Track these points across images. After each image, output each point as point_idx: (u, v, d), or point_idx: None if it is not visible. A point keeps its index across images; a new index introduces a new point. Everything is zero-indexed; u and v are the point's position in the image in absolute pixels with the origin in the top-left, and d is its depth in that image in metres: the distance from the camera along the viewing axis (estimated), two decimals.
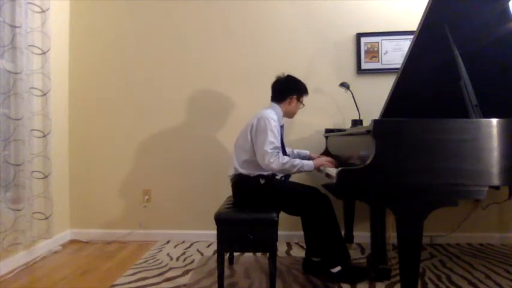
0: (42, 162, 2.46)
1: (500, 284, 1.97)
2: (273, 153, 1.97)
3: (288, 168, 1.99)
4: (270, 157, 1.96)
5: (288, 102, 2.23)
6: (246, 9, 2.93)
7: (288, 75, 2.27)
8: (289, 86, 2.24)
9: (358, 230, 2.73)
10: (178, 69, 2.95)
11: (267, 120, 2.04)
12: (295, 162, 2.00)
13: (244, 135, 2.14)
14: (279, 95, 2.24)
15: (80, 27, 2.98)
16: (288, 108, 2.24)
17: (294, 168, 2.00)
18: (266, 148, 1.98)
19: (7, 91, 2.21)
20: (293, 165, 1.99)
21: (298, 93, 2.24)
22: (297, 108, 2.29)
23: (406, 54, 1.72)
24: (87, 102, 2.98)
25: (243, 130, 2.18)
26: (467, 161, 1.43)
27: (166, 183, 2.95)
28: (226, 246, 1.90)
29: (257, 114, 2.13)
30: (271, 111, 2.14)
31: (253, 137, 2.07)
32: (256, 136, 2.05)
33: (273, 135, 2.01)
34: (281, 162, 1.96)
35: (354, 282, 1.99)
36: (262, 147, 1.99)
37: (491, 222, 2.75)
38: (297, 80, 2.26)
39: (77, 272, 2.22)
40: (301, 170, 2.02)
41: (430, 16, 1.65)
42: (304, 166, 2.02)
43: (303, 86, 2.26)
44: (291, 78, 2.26)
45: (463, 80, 1.66)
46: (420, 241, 1.46)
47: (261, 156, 2.00)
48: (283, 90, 2.24)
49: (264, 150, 1.98)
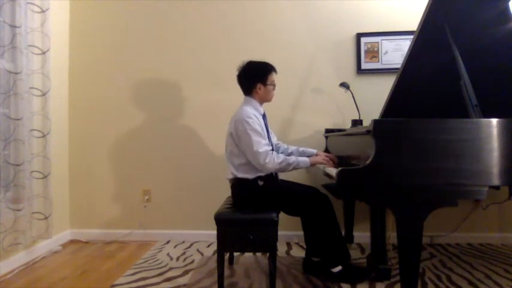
0: (41, 162, 2.46)
1: (500, 284, 1.97)
2: (266, 153, 1.94)
3: (283, 166, 1.98)
4: (265, 157, 1.94)
5: (256, 91, 2.13)
6: (246, 9, 2.93)
7: (246, 63, 2.15)
8: (250, 76, 2.13)
9: (358, 230, 2.73)
10: (178, 69, 2.95)
11: (243, 121, 1.99)
12: (290, 160, 1.99)
13: (230, 141, 2.08)
14: (245, 87, 2.16)
15: (80, 27, 2.97)
16: (259, 97, 2.15)
17: (289, 167, 1.99)
18: (256, 149, 1.94)
19: (7, 91, 2.21)
20: (288, 164, 1.98)
21: (261, 79, 2.12)
22: (269, 92, 2.17)
23: (406, 54, 1.72)
24: (87, 102, 2.98)
25: (227, 135, 2.13)
26: (467, 161, 1.42)
27: (166, 183, 2.95)
28: (226, 246, 1.90)
29: (233, 117, 2.08)
30: (245, 108, 2.07)
31: (238, 144, 2.03)
32: (240, 141, 2.01)
33: (256, 133, 1.97)
34: (276, 162, 1.95)
35: (354, 282, 1.98)
36: (252, 149, 1.96)
37: (491, 222, 2.75)
38: (256, 64, 2.15)
39: (76, 272, 2.22)
40: (297, 167, 2.02)
41: (430, 16, 1.65)
42: (300, 163, 2.01)
43: (264, 69, 2.14)
44: (249, 65, 2.14)
45: (463, 80, 1.66)
46: (420, 241, 1.46)
47: (253, 158, 1.97)
48: (246, 81, 2.15)
49: (254, 152, 1.95)
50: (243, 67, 2.16)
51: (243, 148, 2.01)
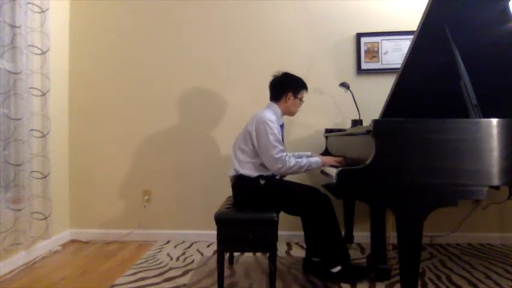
0: (41, 162, 2.46)
1: (500, 284, 1.97)
2: (282, 160, 1.98)
3: (296, 170, 2.02)
4: (280, 163, 1.98)
5: (285, 100, 2.19)
6: (246, 9, 2.93)
7: (284, 72, 2.22)
8: (284, 83, 2.20)
9: (358, 230, 2.74)
10: (178, 69, 2.95)
11: (265, 123, 2.02)
12: (302, 163, 2.02)
13: (243, 138, 2.11)
14: (275, 93, 2.22)
15: (80, 27, 2.97)
16: (285, 106, 2.20)
17: (301, 169, 2.03)
18: (273, 153, 1.98)
19: (7, 91, 2.21)
20: (300, 167, 2.01)
21: (294, 90, 2.19)
22: (296, 106, 2.23)
23: (406, 54, 1.72)
24: (87, 102, 2.98)
25: (242, 132, 2.16)
26: (467, 161, 1.42)
27: (166, 183, 2.95)
28: (226, 246, 1.90)
29: (254, 117, 2.10)
30: (268, 112, 2.12)
31: (254, 142, 2.05)
32: (258, 141, 2.03)
33: (275, 138, 2.01)
34: (288, 167, 1.99)
35: (354, 282, 1.98)
36: (268, 152, 1.99)
37: (491, 222, 2.75)
38: (294, 76, 2.22)
39: (76, 272, 2.22)
40: (309, 169, 2.05)
41: (430, 16, 1.65)
42: (312, 164, 2.04)
43: (299, 82, 2.21)
44: (287, 75, 2.22)
45: (463, 80, 1.65)
46: (420, 241, 1.46)
47: (268, 161, 2.01)
48: (279, 88, 2.20)
49: (271, 156, 1.98)
50: (280, 74, 2.22)
51: (259, 148, 2.03)
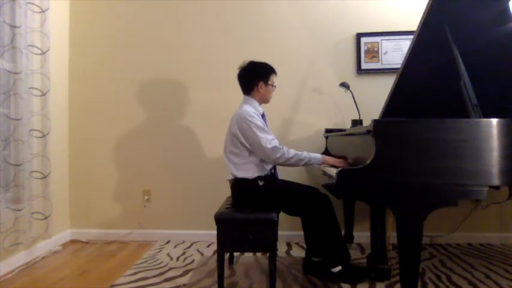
0: (41, 162, 2.46)
1: (500, 284, 1.97)
2: (276, 149, 1.96)
3: (294, 161, 1.99)
4: (276, 152, 1.96)
5: (257, 90, 2.15)
6: (246, 9, 2.93)
7: (248, 62, 2.17)
8: (251, 75, 2.15)
9: (358, 230, 2.73)
10: (178, 69, 2.94)
11: (245, 119, 2.00)
12: (302, 156, 2.00)
13: (231, 141, 2.08)
14: (247, 86, 2.17)
15: (80, 27, 2.97)
16: (259, 96, 2.16)
17: (301, 162, 2.00)
18: (265, 145, 1.96)
19: (7, 91, 2.21)
20: (300, 159, 1.99)
21: (264, 78, 2.15)
22: (269, 92, 2.19)
23: (406, 54, 1.72)
24: (87, 102, 2.97)
25: (228, 135, 2.13)
26: (467, 161, 1.42)
27: (166, 183, 2.95)
28: (226, 246, 1.90)
29: (234, 117, 2.08)
30: (245, 107, 2.09)
31: (243, 142, 2.03)
32: (247, 140, 2.02)
33: (261, 130, 1.99)
34: (287, 157, 1.97)
35: (354, 282, 1.98)
36: (261, 147, 1.97)
37: (491, 222, 2.75)
38: (260, 64, 2.17)
39: (76, 272, 2.22)
40: (308, 163, 2.03)
41: (430, 16, 1.65)
42: (312, 160, 2.02)
43: (267, 69, 2.16)
44: (251, 65, 2.16)
45: (463, 80, 1.65)
46: (420, 241, 1.46)
47: (263, 155, 2.00)
48: (248, 80, 2.16)
49: (264, 148, 1.97)
50: (244, 66, 2.18)
51: (251, 145, 2.02)
